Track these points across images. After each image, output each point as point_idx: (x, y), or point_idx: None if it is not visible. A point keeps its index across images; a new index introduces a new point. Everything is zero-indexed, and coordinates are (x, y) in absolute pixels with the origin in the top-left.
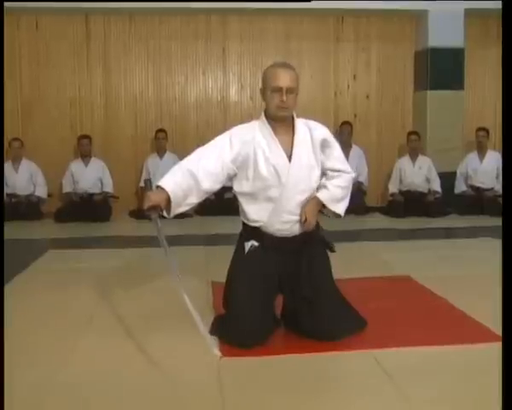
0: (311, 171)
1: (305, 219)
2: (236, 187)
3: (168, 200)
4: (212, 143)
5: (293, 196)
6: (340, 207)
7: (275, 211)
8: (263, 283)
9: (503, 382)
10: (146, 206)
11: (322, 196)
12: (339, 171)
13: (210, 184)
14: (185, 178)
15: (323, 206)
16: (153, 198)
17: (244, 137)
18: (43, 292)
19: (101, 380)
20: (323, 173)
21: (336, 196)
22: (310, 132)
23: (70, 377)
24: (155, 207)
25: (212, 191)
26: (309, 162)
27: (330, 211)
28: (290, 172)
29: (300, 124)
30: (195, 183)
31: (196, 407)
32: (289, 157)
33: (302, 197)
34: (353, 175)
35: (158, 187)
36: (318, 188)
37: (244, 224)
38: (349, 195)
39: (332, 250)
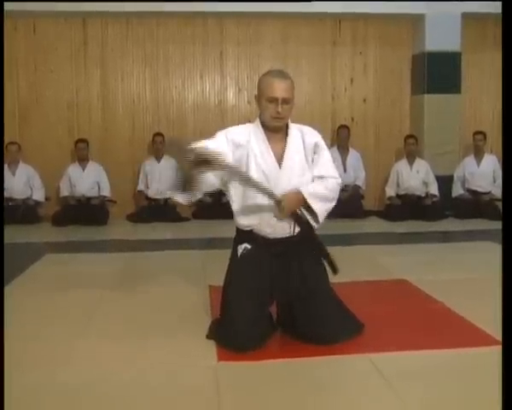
0: (302, 177)
1: (280, 204)
2: (228, 189)
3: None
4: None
5: None
6: (319, 206)
7: (264, 216)
8: (258, 286)
9: (502, 385)
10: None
11: (304, 189)
12: (322, 177)
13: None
14: None
15: (304, 202)
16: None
17: (239, 140)
18: (41, 295)
19: (100, 382)
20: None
21: (318, 193)
22: (302, 137)
23: (69, 378)
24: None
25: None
26: (300, 168)
27: (309, 209)
28: (279, 178)
29: (294, 130)
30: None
31: None
32: (280, 163)
33: None
34: (339, 181)
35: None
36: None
37: (237, 227)
38: (333, 201)
39: (334, 271)
